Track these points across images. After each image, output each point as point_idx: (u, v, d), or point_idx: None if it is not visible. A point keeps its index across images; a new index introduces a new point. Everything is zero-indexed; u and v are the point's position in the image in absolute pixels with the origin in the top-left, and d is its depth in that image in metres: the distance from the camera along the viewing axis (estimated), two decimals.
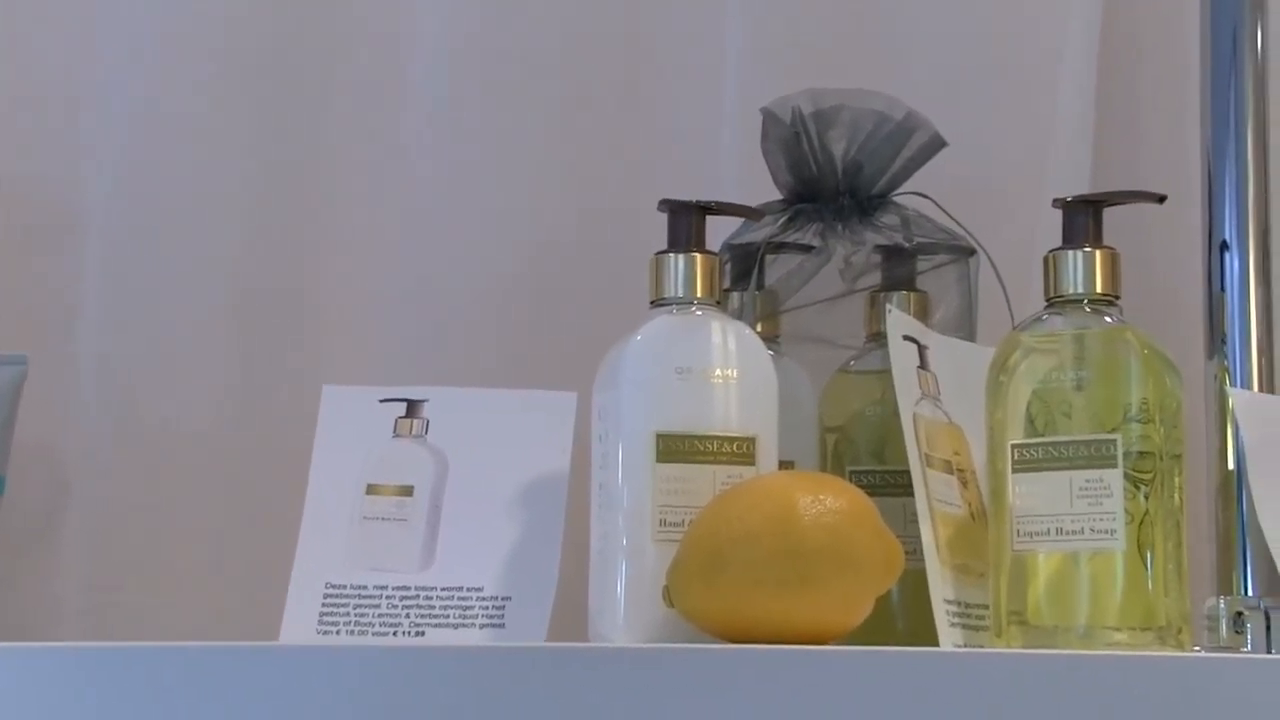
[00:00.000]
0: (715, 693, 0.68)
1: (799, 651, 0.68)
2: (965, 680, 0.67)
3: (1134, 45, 1.00)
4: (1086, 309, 0.77)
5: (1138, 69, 1.00)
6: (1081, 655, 0.70)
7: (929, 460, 0.79)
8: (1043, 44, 1.00)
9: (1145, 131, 1.00)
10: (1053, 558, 0.74)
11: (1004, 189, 0.97)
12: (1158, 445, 0.74)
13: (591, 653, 0.71)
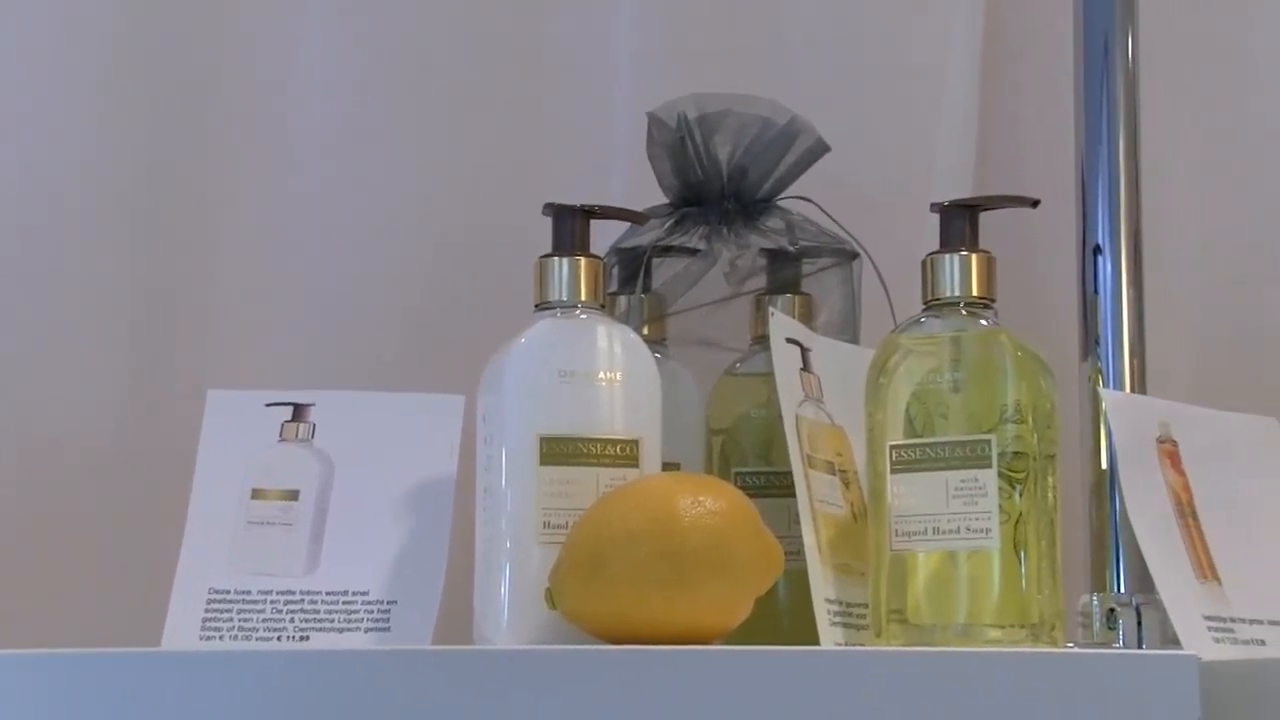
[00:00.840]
0: (596, 694, 0.68)
1: (679, 652, 0.69)
2: (844, 679, 0.68)
3: (1015, 52, 1.02)
4: (963, 312, 0.78)
5: (1019, 76, 1.02)
6: (958, 652, 0.72)
7: (811, 461, 0.80)
8: (927, 51, 1.02)
9: (1027, 137, 1.02)
10: (931, 557, 0.76)
11: (889, 193, 0.99)
12: (1032, 446, 0.75)
13: (473, 655, 0.71)
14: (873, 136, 1.00)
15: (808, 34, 1.02)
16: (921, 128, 1.01)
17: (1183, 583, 0.77)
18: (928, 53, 1.02)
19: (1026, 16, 1.02)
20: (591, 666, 0.69)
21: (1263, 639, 0.78)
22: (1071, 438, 0.84)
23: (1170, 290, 1.00)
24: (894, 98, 1.02)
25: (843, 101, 1.00)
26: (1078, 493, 0.85)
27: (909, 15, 1.02)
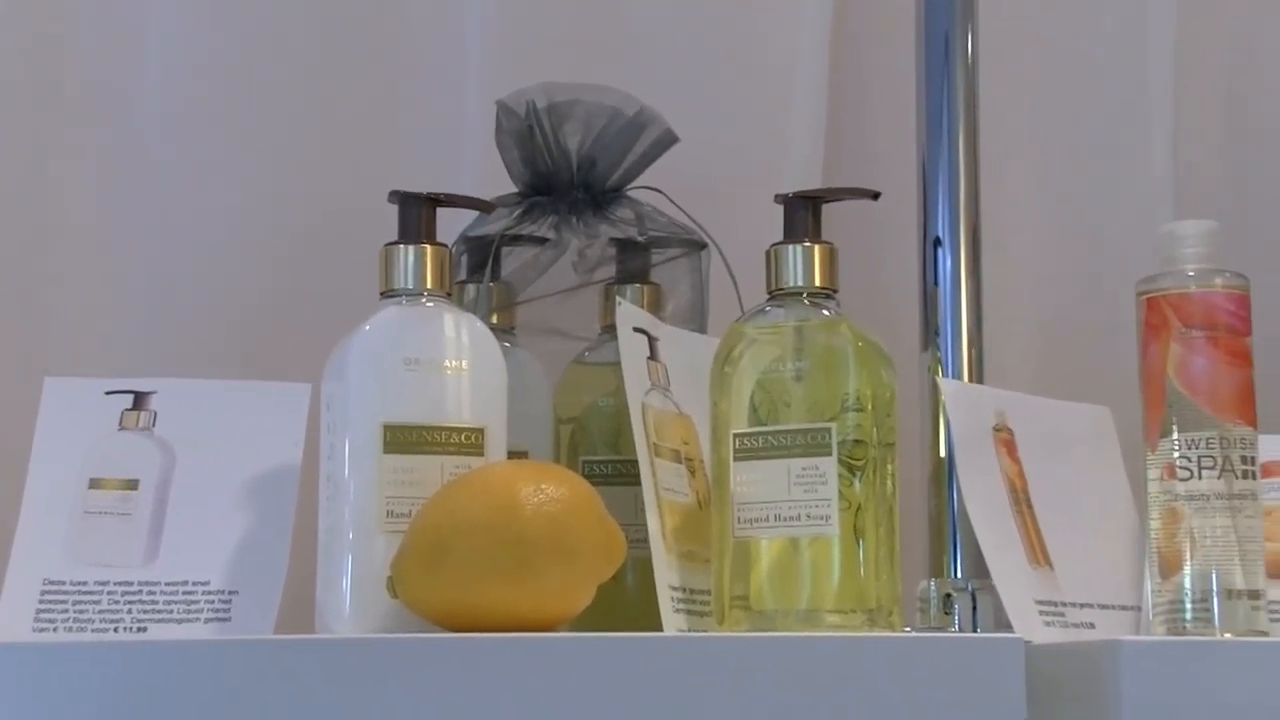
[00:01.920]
0: (438, 681, 0.68)
1: (520, 639, 0.69)
2: (685, 664, 0.69)
3: (864, 47, 1.03)
4: (806, 302, 0.79)
5: (868, 70, 1.04)
6: (795, 637, 0.73)
7: (657, 450, 0.81)
8: (778, 45, 1.03)
9: (876, 131, 1.03)
10: (773, 544, 0.77)
11: (739, 184, 1.00)
12: (871, 434, 0.77)
13: (314, 644, 0.71)
14: (723, 128, 1.01)
15: (659, 25, 1.03)
16: (771, 120, 1.02)
17: (1016, 568, 0.79)
18: (778, 46, 1.03)
19: (874, 12, 1.04)
20: (432, 654, 0.69)
21: (1092, 622, 0.80)
22: (913, 426, 0.86)
23: (1010, 282, 1.03)
24: (744, 90, 1.03)
25: (694, 93, 1.01)
26: (918, 480, 0.86)
27: (760, 8, 1.03)
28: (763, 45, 1.03)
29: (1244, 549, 0.75)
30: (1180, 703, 0.66)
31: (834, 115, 1.03)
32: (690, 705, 0.69)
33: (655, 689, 0.69)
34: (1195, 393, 0.76)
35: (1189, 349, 0.76)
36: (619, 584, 0.80)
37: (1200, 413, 0.76)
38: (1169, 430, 0.77)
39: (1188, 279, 0.77)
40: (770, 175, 0.99)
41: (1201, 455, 0.76)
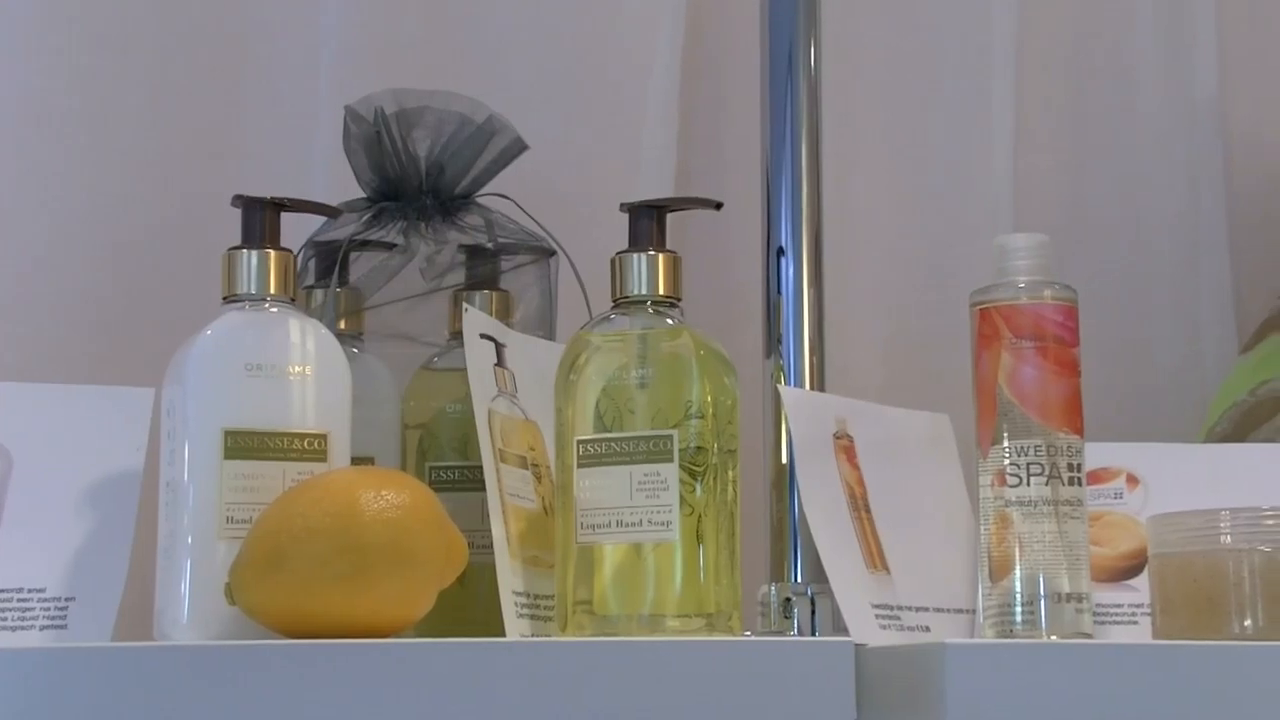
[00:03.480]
0: (275, 688, 0.68)
1: (358, 645, 0.70)
2: (525, 669, 0.70)
3: (716, 56, 1.05)
4: (650, 310, 0.80)
5: (720, 79, 1.05)
6: (631, 642, 0.74)
7: (504, 456, 0.81)
8: (632, 54, 1.04)
9: (728, 140, 1.05)
10: (617, 549, 0.77)
11: (591, 192, 1.00)
12: (713, 441, 0.78)
13: (149, 651, 0.70)
14: (576, 136, 1.02)
15: (514, 32, 1.03)
16: (624, 128, 1.03)
17: (853, 573, 0.80)
18: (631, 54, 1.04)
19: (726, 22, 1.05)
20: (269, 661, 0.69)
21: (927, 625, 0.82)
22: (757, 433, 0.87)
23: (856, 290, 1.05)
24: (597, 98, 1.04)
25: (547, 100, 1.02)
26: (761, 486, 0.87)
27: (613, 16, 1.04)
28: (616, 54, 1.04)
29: (1070, 553, 0.78)
30: (1005, 704, 0.68)
31: (686, 124, 1.04)
32: (531, 710, 0.69)
33: (496, 694, 0.69)
34: (1025, 402, 0.78)
35: (1019, 359, 0.78)
36: (466, 589, 0.81)
37: (1029, 421, 0.78)
38: (1000, 438, 0.79)
39: (1018, 291, 0.80)
40: (623, 183, 1.00)
41: (1030, 462, 0.78)
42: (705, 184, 1.03)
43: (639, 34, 1.03)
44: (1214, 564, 0.74)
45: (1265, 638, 0.73)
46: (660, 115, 1.03)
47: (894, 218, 1.07)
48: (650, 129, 1.02)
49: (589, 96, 1.03)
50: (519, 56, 1.03)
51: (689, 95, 1.04)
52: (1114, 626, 0.82)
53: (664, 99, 1.03)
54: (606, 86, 1.04)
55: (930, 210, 1.07)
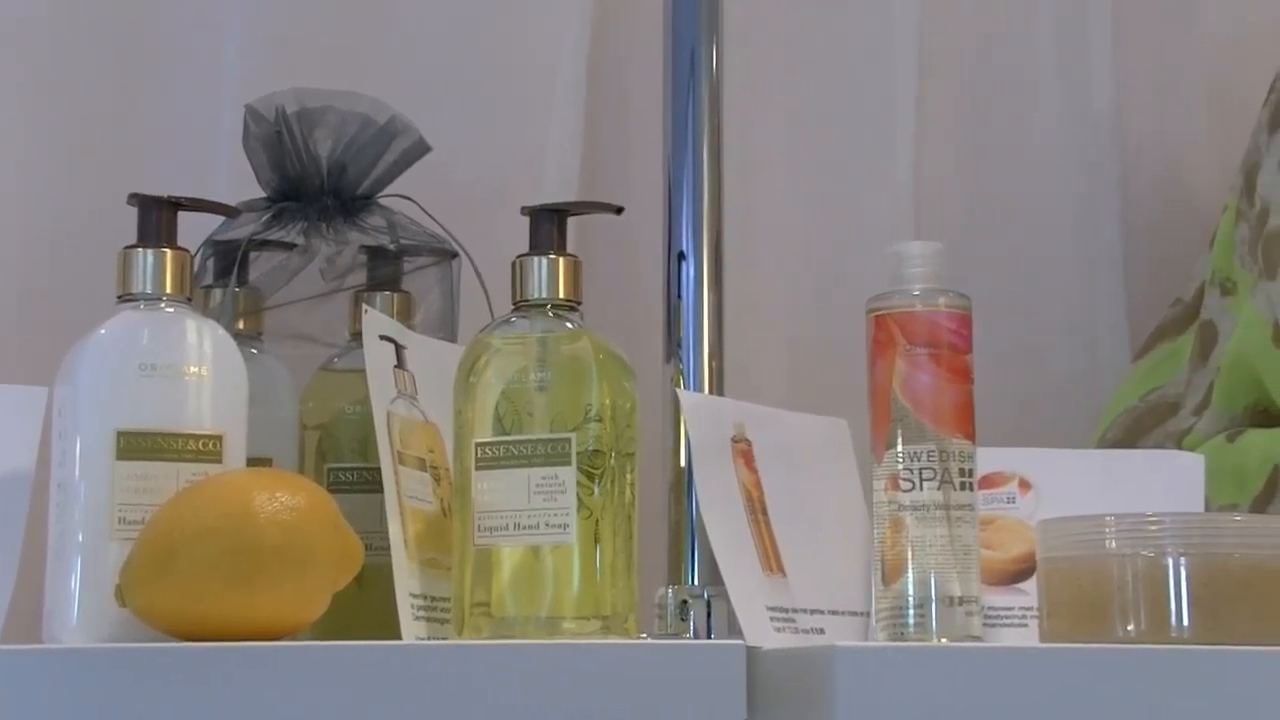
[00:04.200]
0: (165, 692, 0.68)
1: (250, 648, 0.69)
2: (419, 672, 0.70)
3: (622, 60, 1.05)
4: (550, 314, 0.80)
5: (626, 83, 1.05)
6: (528, 644, 0.74)
7: (402, 458, 0.81)
8: (538, 57, 1.04)
9: (633, 144, 1.05)
10: (515, 551, 0.78)
11: (496, 194, 1.00)
12: (611, 444, 0.78)
13: (36, 654, 0.69)
14: (482, 138, 1.03)
15: (419, 33, 1.03)
16: (529, 131, 1.03)
17: (748, 576, 0.81)
18: (537, 57, 1.04)
19: (632, 24, 1.05)
20: (159, 664, 0.68)
21: (823, 628, 0.83)
22: (657, 437, 0.88)
23: (755, 295, 1.06)
24: (503, 100, 1.04)
25: (453, 102, 1.02)
26: (661, 490, 0.88)
27: (520, 19, 1.04)
28: (522, 57, 1.04)
29: (961, 558, 0.79)
30: (894, 706, 0.69)
31: (592, 126, 1.05)
32: (426, 713, 0.69)
33: (392, 697, 0.69)
34: (918, 407, 0.79)
35: (913, 365, 0.80)
36: (365, 591, 0.81)
37: (922, 427, 0.79)
38: (894, 443, 0.80)
39: (913, 298, 0.81)
40: (527, 186, 1.00)
41: (923, 467, 0.79)
42: (611, 187, 1.04)
43: (544, 35, 1.04)
44: (1099, 568, 0.76)
45: (1148, 641, 0.75)
46: (565, 117, 1.03)
47: (798, 224, 1.08)
48: (555, 131, 1.03)
49: (494, 98, 1.04)
50: (425, 57, 1.03)
51: (595, 97, 1.05)
52: (1005, 629, 0.83)
53: (569, 101, 1.03)
54: (511, 88, 1.04)
55: (833, 217, 1.08)
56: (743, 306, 1.02)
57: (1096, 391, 1.06)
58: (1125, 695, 0.70)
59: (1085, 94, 1.11)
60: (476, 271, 0.90)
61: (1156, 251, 1.10)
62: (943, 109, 1.10)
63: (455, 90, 1.03)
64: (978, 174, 1.11)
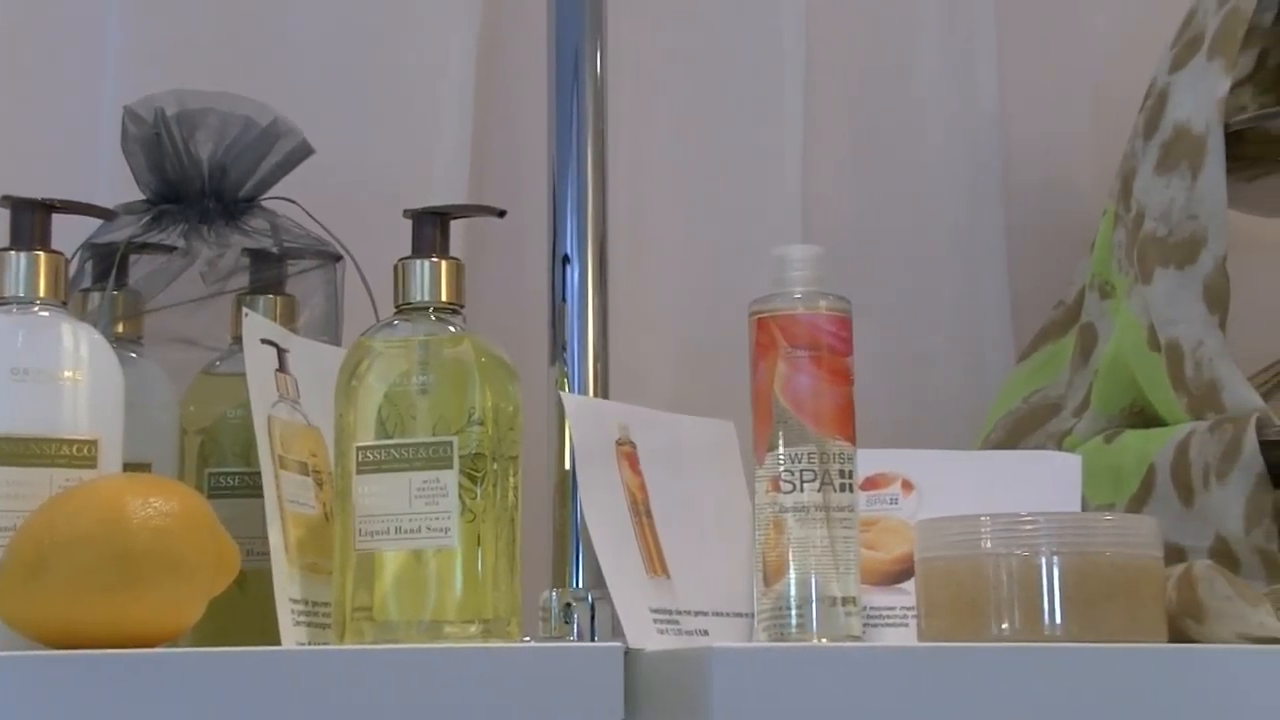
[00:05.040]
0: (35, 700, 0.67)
1: (122, 655, 0.68)
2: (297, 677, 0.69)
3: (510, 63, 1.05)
4: (432, 317, 0.80)
5: (515, 86, 1.05)
6: (406, 649, 0.74)
7: (283, 462, 0.81)
8: (426, 59, 1.04)
9: (521, 147, 1.05)
10: (397, 555, 0.77)
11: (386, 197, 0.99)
12: (493, 447, 0.78)
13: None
14: (368, 140, 1.02)
15: (305, 34, 1.02)
16: (417, 134, 1.03)
17: (631, 578, 0.81)
18: (425, 60, 1.04)
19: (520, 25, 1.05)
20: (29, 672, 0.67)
21: (706, 629, 0.83)
22: (543, 440, 0.88)
23: (644, 298, 1.06)
24: (391, 103, 1.03)
25: (339, 103, 1.01)
26: (547, 492, 0.88)
27: (406, 18, 1.04)
28: (410, 59, 1.04)
29: (841, 558, 0.79)
30: (771, 707, 0.69)
31: (482, 128, 1.04)
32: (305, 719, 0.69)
33: (271, 703, 0.69)
34: (799, 409, 0.80)
35: (794, 368, 0.80)
36: (247, 597, 0.80)
37: (803, 429, 0.80)
38: (775, 445, 0.80)
39: (794, 301, 0.81)
40: (415, 188, 1.00)
41: (804, 469, 0.80)
42: (500, 190, 1.04)
43: (432, 37, 1.03)
44: (975, 568, 0.77)
45: (1022, 639, 0.76)
46: (453, 119, 1.03)
47: (687, 228, 1.09)
48: (443, 133, 1.02)
49: (381, 100, 1.03)
50: (311, 59, 1.02)
51: (484, 100, 1.05)
52: (886, 629, 0.84)
53: (457, 103, 1.03)
54: (399, 90, 1.03)
55: (722, 221, 1.09)
56: (631, 310, 1.03)
57: (982, 393, 1.08)
58: (1000, 693, 0.71)
59: (971, 98, 1.12)
60: (361, 274, 0.89)
61: (1041, 254, 1.12)
62: (830, 113, 1.11)
63: (342, 92, 1.02)
64: (865, 178, 1.12)
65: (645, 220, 1.07)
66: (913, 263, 1.11)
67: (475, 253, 1.04)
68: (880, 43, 1.12)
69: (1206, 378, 0.89)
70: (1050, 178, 1.14)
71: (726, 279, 1.07)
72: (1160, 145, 0.94)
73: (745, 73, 1.10)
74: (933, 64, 1.12)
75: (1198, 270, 0.90)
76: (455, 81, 1.03)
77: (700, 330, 1.06)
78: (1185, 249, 0.91)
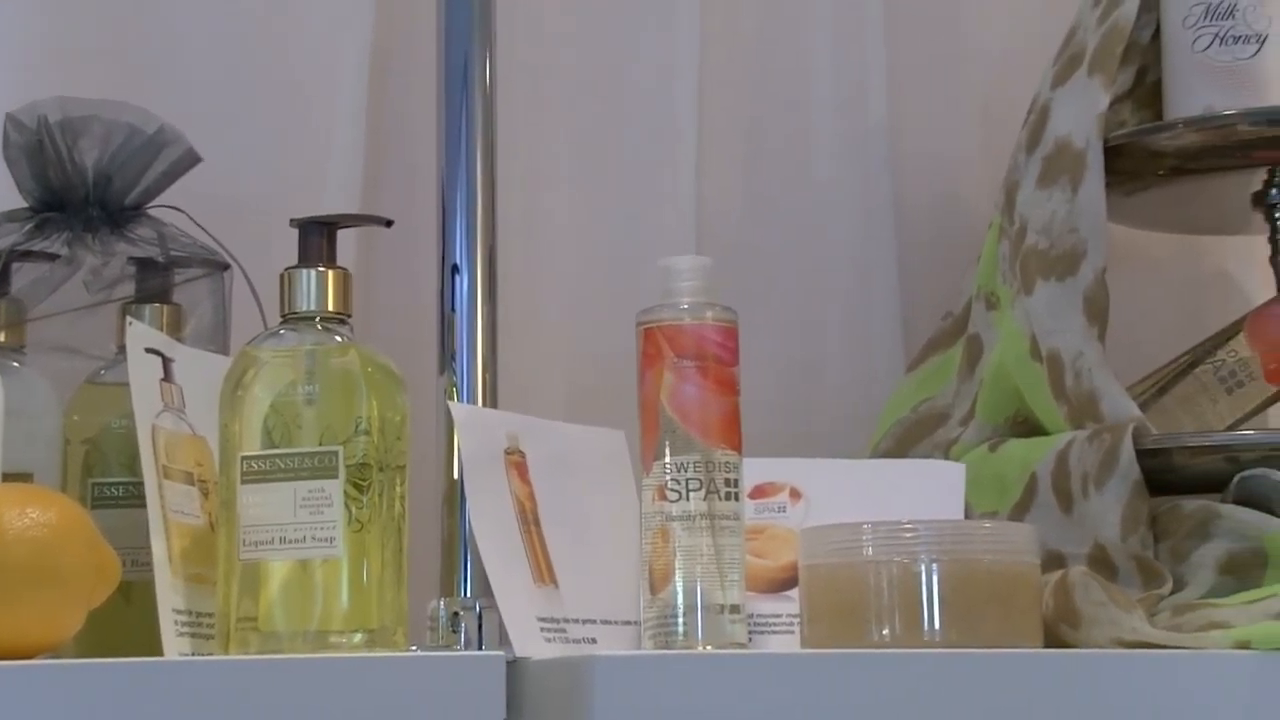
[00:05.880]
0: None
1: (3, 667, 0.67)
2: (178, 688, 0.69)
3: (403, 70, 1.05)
4: (319, 326, 0.80)
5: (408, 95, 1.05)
6: (292, 659, 0.73)
7: (168, 472, 0.80)
8: (319, 66, 1.03)
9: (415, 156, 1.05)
10: (283, 565, 0.77)
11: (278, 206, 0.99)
12: (379, 457, 0.78)
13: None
14: (259, 148, 1.02)
15: (194, 41, 1.02)
16: (310, 141, 1.02)
17: (518, 586, 0.81)
18: (319, 67, 1.03)
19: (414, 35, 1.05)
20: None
21: (594, 637, 0.84)
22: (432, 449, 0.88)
23: (537, 308, 1.06)
24: (284, 111, 1.03)
25: (229, 111, 1.01)
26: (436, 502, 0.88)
27: (299, 25, 1.04)
28: (303, 67, 1.04)
29: (726, 566, 0.80)
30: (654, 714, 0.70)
31: (374, 140, 1.04)
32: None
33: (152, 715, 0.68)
34: (685, 419, 0.81)
35: (680, 377, 0.81)
36: (132, 608, 0.79)
37: (689, 438, 0.81)
38: (662, 454, 0.81)
39: (681, 311, 0.82)
40: (308, 197, 1.00)
41: (689, 478, 0.80)
42: (393, 199, 1.04)
43: (326, 43, 1.03)
44: (856, 575, 0.78)
45: (901, 645, 0.77)
46: (347, 128, 1.02)
47: (581, 238, 1.09)
48: (337, 141, 1.02)
49: (273, 107, 1.03)
50: (200, 66, 1.01)
51: (377, 108, 1.04)
52: (773, 636, 0.85)
53: (351, 111, 1.03)
54: (291, 98, 1.03)
55: (616, 231, 1.09)
56: (524, 319, 1.03)
57: (872, 402, 1.09)
58: (880, 698, 0.72)
59: (861, 111, 1.13)
60: (249, 283, 0.89)
61: (930, 265, 1.13)
62: (723, 125, 1.12)
63: (233, 100, 1.01)
64: (758, 190, 1.13)
65: (540, 231, 1.07)
66: (805, 273, 1.13)
67: (369, 262, 1.04)
68: (772, 56, 1.13)
69: (1085, 387, 0.91)
70: (940, 191, 1.15)
71: (620, 289, 1.07)
72: (1042, 160, 0.95)
73: (640, 85, 1.10)
74: (824, 79, 1.13)
75: (1078, 282, 0.92)
76: (348, 90, 1.03)
77: (593, 340, 1.07)
78: (1066, 261, 0.93)
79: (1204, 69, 0.94)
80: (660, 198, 1.09)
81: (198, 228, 0.90)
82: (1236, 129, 0.93)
